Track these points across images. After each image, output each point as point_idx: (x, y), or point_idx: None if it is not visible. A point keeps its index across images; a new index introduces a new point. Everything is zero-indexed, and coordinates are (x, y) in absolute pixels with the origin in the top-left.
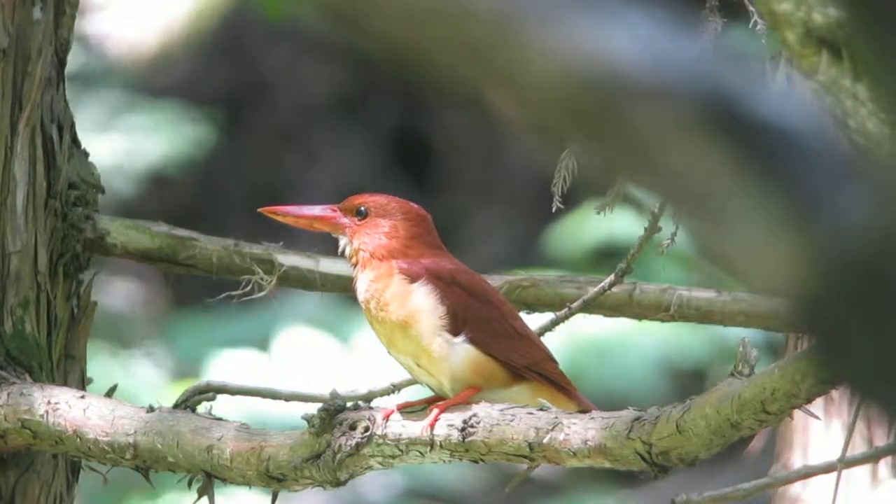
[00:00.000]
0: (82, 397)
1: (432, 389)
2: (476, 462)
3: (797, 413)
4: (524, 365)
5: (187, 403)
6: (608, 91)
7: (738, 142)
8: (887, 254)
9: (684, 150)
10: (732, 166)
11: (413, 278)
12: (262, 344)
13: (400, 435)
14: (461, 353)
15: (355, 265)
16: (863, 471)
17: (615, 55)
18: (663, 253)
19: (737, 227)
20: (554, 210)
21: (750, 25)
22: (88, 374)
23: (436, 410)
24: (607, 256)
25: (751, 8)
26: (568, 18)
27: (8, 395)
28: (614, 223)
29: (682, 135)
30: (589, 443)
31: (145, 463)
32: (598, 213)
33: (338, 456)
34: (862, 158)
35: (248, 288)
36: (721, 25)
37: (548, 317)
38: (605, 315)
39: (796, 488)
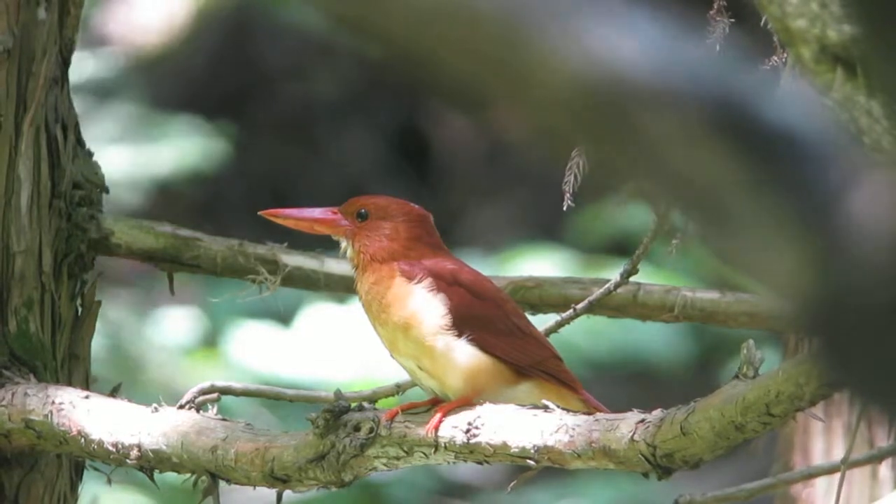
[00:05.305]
0: (86, 397)
1: (434, 392)
2: (480, 463)
3: (798, 413)
4: (529, 364)
5: (192, 404)
6: (616, 96)
7: (747, 147)
8: (893, 260)
9: (693, 155)
10: (741, 172)
11: (414, 279)
12: (284, 318)
13: (404, 436)
14: (464, 354)
15: (357, 267)
16: (863, 471)
17: (623, 60)
18: (672, 254)
19: (744, 231)
20: (565, 208)
21: (761, 24)
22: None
23: (440, 412)
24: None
25: None
26: (576, 23)
27: (12, 395)
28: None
29: (691, 140)
30: (593, 445)
31: (149, 463)
32: (615, 206)
33: (342, 457)
34: (870, 164)
35: (252, 288)
36: (728, 26)
37: (552, 318)
38: (610, 316)
39: (797, 488)
